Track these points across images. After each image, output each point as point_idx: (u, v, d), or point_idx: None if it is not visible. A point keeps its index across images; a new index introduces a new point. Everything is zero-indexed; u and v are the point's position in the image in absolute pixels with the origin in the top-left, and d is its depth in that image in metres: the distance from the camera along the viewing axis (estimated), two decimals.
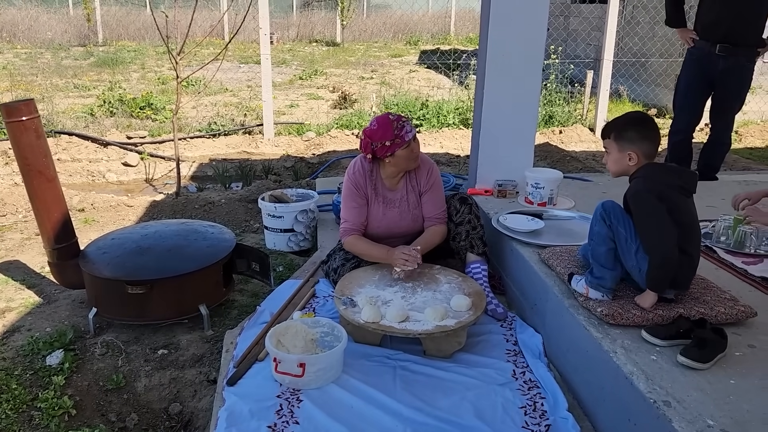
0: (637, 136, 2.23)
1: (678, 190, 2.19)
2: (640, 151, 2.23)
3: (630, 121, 2.29)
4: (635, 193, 2.19)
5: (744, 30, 3.86)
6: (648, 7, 8.16)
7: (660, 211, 2.13)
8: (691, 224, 2.22)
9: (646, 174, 2.21)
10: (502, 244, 3.12)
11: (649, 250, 2.17)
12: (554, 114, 6.96)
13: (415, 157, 2.87)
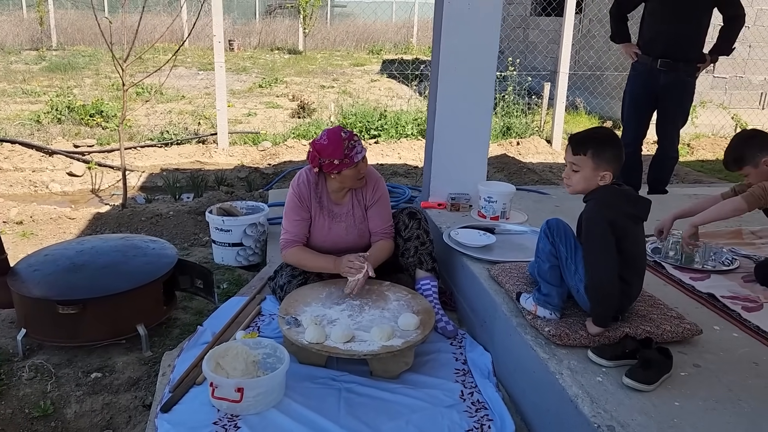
0: (612, 155, 2.17)
1: (632, 218, 2.17)
2: (612, 171, 2.18)
3: (608, 139, 2.22)
4: (590, 220, 2.15)
5: (683, 46, 3.93)
6: (603, 21, 8.29)
7: (610, 247, 2.09)
8: (638, 253, 2.20)
9: (603, 198, 2.16)
10: (453, 259, 3.07)
11: (590, 283, 2.14)
12: (512, 125, 6.99)
13: (362, 177, 2.80)
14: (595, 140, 2.20)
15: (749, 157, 2.67)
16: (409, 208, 3.03)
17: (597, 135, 2.25)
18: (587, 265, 2.15)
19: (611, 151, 2.18)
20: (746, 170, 2.71)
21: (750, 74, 7.71)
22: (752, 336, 2.27)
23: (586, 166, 2.20)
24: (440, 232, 3.25)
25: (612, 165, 2.17)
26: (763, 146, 2.66)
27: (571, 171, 2.24)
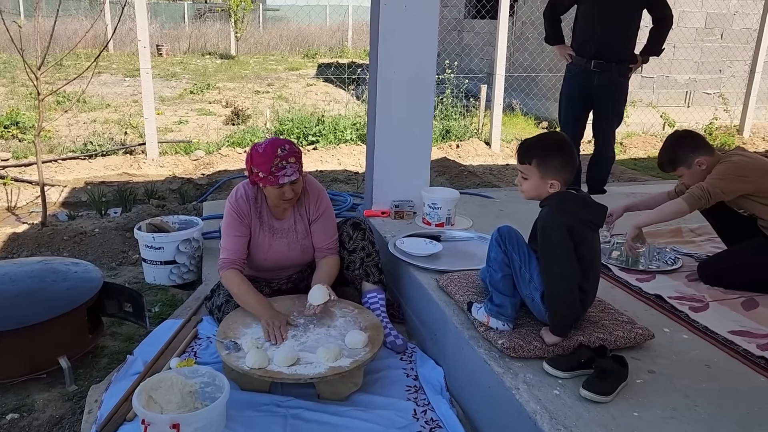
0: (560, 163, 2.11)
1: (589, 225, 2.11)
2: (562, 179, 2.12)
3: (554, 147, 2.15)
4: (547, 226, 2.08)
5: (616, 47, 3.99)
6: (536, 23, 8.42)
7: (567, 251, 2.04)
8: (594, 261, 2.15)
9: (559, 205, 2.10)
10: (399, 269, 2.96)
11: (550, 291, 2.08)
12: (451, 128, 6.97)
13: (288, 200, 2.60)
14: (541, 148, 2.14)
15: (682, 157, 2.69)
16: (352, 218, 2.90)
17: (542, 143, 2.18)
18: (546, 273, 2.08)
19: (558, 159, 2.11)
20: (680, 171, 2.73)
21: (675, 73, 7.98)
22: (701, 337, 2.27)
23: (532, 174, 2.15)
24: (385, 241, 3.14)
25: (560, 173, 2.11)
26: (695, 147, 2.68)
27: (522, 178, 2.19)
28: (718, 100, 8.16)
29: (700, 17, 7.92)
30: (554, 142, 2.19)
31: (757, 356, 2.11)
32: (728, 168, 2.60)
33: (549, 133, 2.24)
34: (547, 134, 2.25)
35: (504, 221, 3.57)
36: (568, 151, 2.14)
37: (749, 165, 2.61)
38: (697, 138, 2.73)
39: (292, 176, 2.53)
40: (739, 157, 2.65)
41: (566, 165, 2.11)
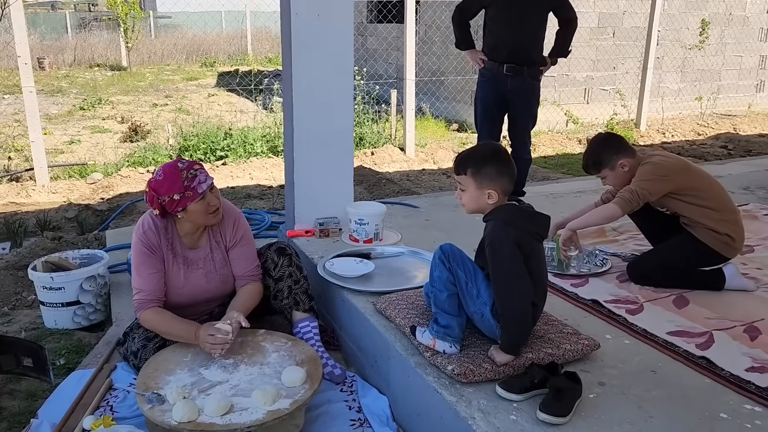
0: (495, 172, 2.04)
1: (535, 236, 2.05)
2: (499, 188, 2.05)
3: (488, 156, 2.08)
4: (496, 241, 2.00)
5: (526, 50, 4.02)
6: (441, 27, 8.49)
7: (519, 265, 1.97)
8: (542, 273, 2.10)
9: (505, 218, 2.03)
10: (331, 293, 2.81)
11: (503, 308, 2.00)
12: (364, 135, 6.87)
13: (215, 210, 2.43)
14: (475, 158, 2.08)
15: (606, 159, 2.71)
16: (276, 243, 2.71)
17: (477, 152, 2.13)
18: (499, 290, 2.00)
19: (493, 167, 2.05)
20: (604, 173, 2.75)
21: (574, 72, 8.29)
22: (642, 341, 2.27)
23: (469, 185, 2.08)
24: (313, 264, 2.97)
25: (496, 182, 2.05)
26: (619, 148, 2.71)
27: (460, 191, 2.12)
28: (616, 96, 8.55)
29: (593, 17, 8.26)
30: (488, 150, 2.13)
31: (698, 357, 2.13)
32: (651, 169, 2.63)
33: (484, 143, 2.18)
34: (482, 144, 2.19)
35: (432, 232, 3.54)
36: (503, 160, 2.08)
37: (670, 165, 2.66)
38: (619, 140, 2.76)
39: (208, 180, 2.37)
40: (659, 158, 2.70)
41: (502, 173, 2.05)
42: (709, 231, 2.60)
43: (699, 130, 8.37)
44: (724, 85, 9.63)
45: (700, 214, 2.61)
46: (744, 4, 9.37)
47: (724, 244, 2.60)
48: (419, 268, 2.87)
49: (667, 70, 9.05)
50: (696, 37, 9.12)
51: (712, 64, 9.42)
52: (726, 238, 2.60)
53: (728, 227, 2.61)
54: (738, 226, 2.65)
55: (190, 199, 2.32)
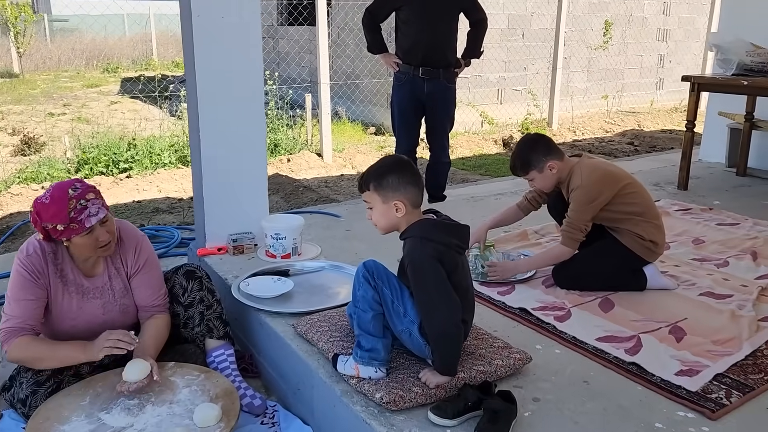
0: (399, 182, 1.93)
1: (456, 249, 1.95)
2: (405, 198, 1.93)
3: (388, 166, 1.98)
4: (416, 260, 1.88)
5: (441, 53, 3.97)
6: (354, 29, 8.36)
7: (444, 283, 1.86)
8: (468, 286, 2.00)
9: (422, 234, 1.91)
10: (248, 316, 2.61)
11: (433, 330, 1.88)
12: (279, 141, 6.63)
13: (105, 245, 2.16)
14: (375, 171, 1.98)
15: (535, 161, 2.66)
16: (185, 266, 2.48)
17: (377, 166, 2.01)
18: (426, 312, 1.88)
19: (394, 177, 1.94)
20: (532, 174, 2.70)
21: (487, 72, 8.39)
22: (572, 349, 2.22)
23: (374, 200, 1.98)
24: (227, 284, 2.76)
25: (400, 192, 1.94)
26: (548, 151, 2.66)
27: (368, 210, 2.02)
28: (528, 96, 8.73)
29: (503, 18, 8.39)
30: (388, 162, 2.03)
31: (629, 363, 2.10)
32: (581, 199, 2.58)
33: (385, 157, 2.07)
34: (383, 158, 2.08)
35: (354, 243, 3.39)
36: (405, 169, 1.97)
37: (599, 187, 2.58)
38: (548, 142, 2.72)
39: (99, 214, 2.08)
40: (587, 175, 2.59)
41: (404, 183, 1.94)
42: (633, 236, 2.60)
43: (607, 127, 8.68)
44: (628, 83, 10.05)
45: (626, 220, 2.61)
46: (642, 6, 9.82)
47: (647, 249, 2.61)
48: (341, 284, 2.72)
49: (575, 70, 9.34)
50: (600, 38, 9.46)
51: (615, 64, 9.81)
52: (649, 243, 2.60)
53: (652, 233, 2.61)
54: (661, 231, 2.66)
55: (75, 232, 2.06)
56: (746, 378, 1.99)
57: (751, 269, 2.90)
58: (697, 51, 10.58)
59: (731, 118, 4.86)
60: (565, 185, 2.68)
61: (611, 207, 2.59)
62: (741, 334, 2.26)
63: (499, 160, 6.85)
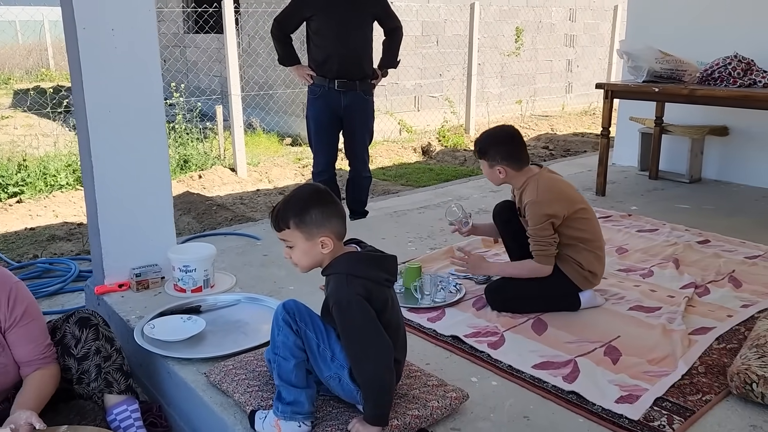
0: (323, 216, 1.74)
1: (385, 283, 1.77)
2: (330, 233, 1.75)
3: (307, 199, 1.77)
4: (343, 300, 1.69)
5: (356, 64, 3.83)
6: (265, 37, 8.06)
7: (374, 323, 1.69)
8: (399, 323, 1.84)
9: (348, 270, 1.73)
10: (154, 363, 2.33)
11: (364, 378, 1.70)
12: (189, 157, 6.25)
13: None
14: (293, 207, 1.76)
15: (491, 155, 2.57)
16: (77, 313, 2.18)
17: (294, 198, 1.79)
18: (354, 355, 1.71)
19: (317, 211, 1.74)
20: (482, 162, 2.64)
21: (404, 80, 8.32)
22: (509, 380, 2.10)
23: (296, 238, 1.77)
24: (129, 327, 2.47)
25: (326, 227, 1.75)
26: (506, 156, 2.55)
27: (287, 249, 1.80)
28: (445, 103, 8.72)
29: (417, 26, 8.35)
30: (307, 194, 1.80)
31: (568, 392, 1.99)
32: (537, 213, 2.46)
33: (300, 188, 1.86)
34: (299, 189, 1.85)
35: (272, 270, 3.15)
36: (326, 200, 1.78)
37: (550, 201, 2.48)
38: (514, 148, 2.57)
39: None
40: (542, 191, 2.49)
41: (329, 216, 1.75)
42: (573, 264, 2.49)
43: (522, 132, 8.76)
44: (539, 88, 10.28)
45: (570, 246, 2.50)
46: (550, 13, 10.07)
47: (585, 279, 2.52)
48: (260, 319, 2.50)
49: (489, 76, 9.44)
50: (512, 44, 9.62)
51: (527, 69, 10.00)
52: (587, 273, 2.52)
53: (592, 263, 2.52)
54: (601, 262, 2.58)
55: None
56: (685, 400, 1.93)
57: (675, 278, 2.90)
58: (602, 56, 10.97)
59: (642, 122, 4.98)
60: (519, 194, 2.59)
61: (559, 228, 2.49)
62: (675, 351, 2.21)
63: (420, 168, 6.77)
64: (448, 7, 8.65)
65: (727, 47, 4.02)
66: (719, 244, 3.36)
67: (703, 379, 2.05)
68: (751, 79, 3.79)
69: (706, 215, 3.95)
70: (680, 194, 4.47)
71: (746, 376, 1.90)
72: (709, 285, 2.82)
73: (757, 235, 3.52)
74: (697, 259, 3.14)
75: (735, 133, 4.68)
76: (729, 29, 4.48)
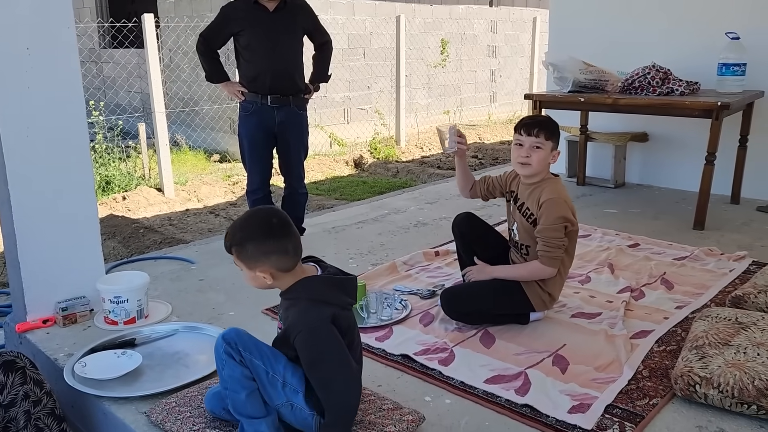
0: (260, 252, 1.67)
1: (346, 307, 1.73)
2: (273, 268, 1.68)
3: (248, 232, 1.69)
4: (310, 331, 1.63)
5: (289, 79, 3.75)
6: (189, 52, 7.83)
7: (342, 349, 1.65)
8: (358, 346, 1.80)
9: (313, 296, 1.68)
10: (88, 404, 2.18)
11: (333, 403, 1.65)
12: (112, 178, 5.96)
13: None
14: (235, 236, 1.70)
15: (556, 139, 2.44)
16: (1, 356, 2.01)
17: (239, 225, 1.73)
18: (323, 383, 1.65)
19: (253, 246, 1.67)
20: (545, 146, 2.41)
21: (332, 93, 8.28)
22: (463, 396, 2.08)
23: (240, 265, 1.72)
24: (58, 366, 2.30)
25: (263, 262, 1.68)
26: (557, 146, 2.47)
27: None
28: (374, 115, 8.74)
29: (344, 38, 8.34)
30: (251, 224, 1.71)
31: (521, 405, 2.00)
32: (554, 210, 2.36)
33: (251, 213, 1.78)
34: (249, 214, 1.77)
35: (210, 295, 3.02)
36: (268, 234, 1.67)
37: (568, 204, 2.42)
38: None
39: None
40: (562, 191, 2.45)
41: (266, 252, 1.66)
42: (536, 285, 2.47)
43: None
44: (465, 98, 10.48)
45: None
46: (472, 25, 10.31)
47: (542, 301, 2.50)
48: (201, 349, 2.38)
49: (416, 87, 9.55)
50: (438, 56, 9.77)
51: (453, 80, 10.18)
52: (546, 296, 2.50)
53: (553, 286, 2.50)
54: (560, 287, 2.56)
55: None
56: (634, 406, 1.97)
57: (612, 283, 2.98)
58: (523, 65, 11.32)
59: (568, 131, 5.14)
60: (536, 191, 2.44)
61: None
62: (619, 356, 2.27)
63: (353, 182, 6.74)
64: (374, 19, 8.70)
65: (645, 57, 4.21)
66: (648, 247, 3.49)
67: (648, 383, 2.10)
68: (669, 88, 3.98)
69: (633, 219, 4.11)
70: (607, 199, 4.64)
71: (689, 378, 1.96)
72: (643, 288, 2.92)
73: (681, 236, 3.69)
74: (630, 262, 3.25)
75: (654, 139, 4.91)
76: (646, 40, 4.70)
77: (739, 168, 4.35)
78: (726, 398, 1.89)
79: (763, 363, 1.95)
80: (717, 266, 3.17)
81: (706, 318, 2.33)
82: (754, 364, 1.95)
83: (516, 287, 2.48)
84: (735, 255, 3.29)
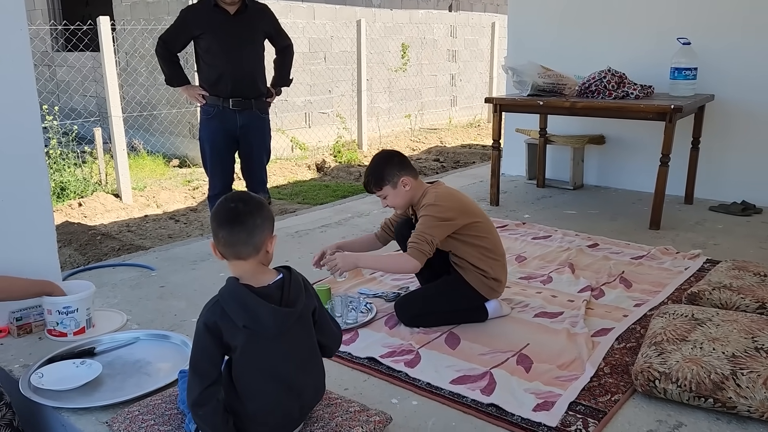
0: (225, 243, 1.68)
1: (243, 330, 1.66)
2: (236, 259, 1.70)
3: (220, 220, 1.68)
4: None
5: (250, 82, 3.72)
6: (146, 55, 7.67)
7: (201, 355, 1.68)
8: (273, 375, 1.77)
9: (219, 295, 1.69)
10: (46, 416, 2.12)
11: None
12: (67, 184, 5.79)
13: None
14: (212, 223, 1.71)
15: (389, 176, 2.55)
16: None
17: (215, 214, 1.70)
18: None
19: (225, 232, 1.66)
20: (386, 190, 2.58)
21: (293, 97, 8.23)
22: (429, 398, 2.09)
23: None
24: (14, 377, 2.23)
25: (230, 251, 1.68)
26: (402, 167, 2.57)
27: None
28: (336, 119, 8.73)
29: (304, 42, 8.31)
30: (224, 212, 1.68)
31: (487, 405, 2.02)
32: (431, 214, 2.48)
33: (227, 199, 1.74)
34: (224, 201, 1.73)
35: (171, 302, 2.96)
36: (237, 221, 1.67)
37: (452, 206, 2.52)
38: (402, 159, 2.61)
39: None
40: (441, 195, 2.53)
41: (233, 243, 1.66)
42: (478, 274, 2.54)
43: (413, 145, 8.99)
44: (426, 102, 10.56)
45: (473, 254, 2.55)
46: (432, 29, 10.39)
47: (490, 288, 2.57)
48: (162, 357, 2.34)
49: (377, 91, 9.57)
50: (398, 60, 9.82)
51: (414, 84, 10.24)
52: (493, 282, 2.57)
53: (497, 270, 2.59)
54: (504, 270, 2.64)
55: None
56: (596, 402, 2.01)
57: (572, 282, 3.04)
58: (483, 70, 11.46)
59: (527, 134, 5.23)
60: (417, 206, 2.59)
61: (460, 237, 2.52)
62: (581, 354, 2.31)
63: (315, 186, 6.71)
64: (334, 23, 8.70)
65: (601, 62, 4.31)
66: (607, 247, 3.58)
67: (609, 380, 2.15)
68: (624, 91, 4.08)
69: (591, 219, 4.20)
70: (566, 200, 4.73)
71: (649, 374, 2.01)
72: (603, 287, 2.98)
73: (637, 235, 3.79)
74: (590, 262, 3.32)
75: (611, 142, 5.03)
76: (602, 45, 4.82)
77: (692, 169, 4.49)
78: (684, 392, 1.95)
79: (719, 358, 2.01)
80: (673, 265, 3.27)
81: (663, 315, 2.39)
82: (710, 358, 2.01)
83: (460, 281, 2.55)
84: (690, 254, 3.40)
